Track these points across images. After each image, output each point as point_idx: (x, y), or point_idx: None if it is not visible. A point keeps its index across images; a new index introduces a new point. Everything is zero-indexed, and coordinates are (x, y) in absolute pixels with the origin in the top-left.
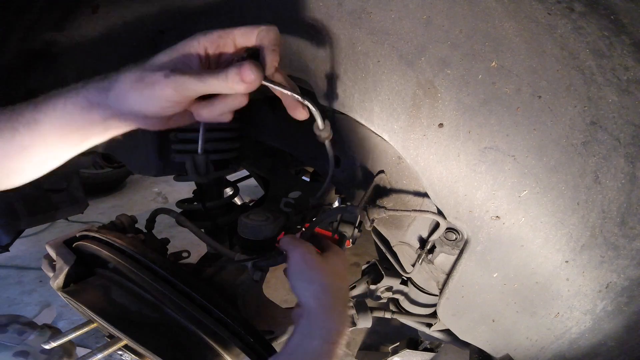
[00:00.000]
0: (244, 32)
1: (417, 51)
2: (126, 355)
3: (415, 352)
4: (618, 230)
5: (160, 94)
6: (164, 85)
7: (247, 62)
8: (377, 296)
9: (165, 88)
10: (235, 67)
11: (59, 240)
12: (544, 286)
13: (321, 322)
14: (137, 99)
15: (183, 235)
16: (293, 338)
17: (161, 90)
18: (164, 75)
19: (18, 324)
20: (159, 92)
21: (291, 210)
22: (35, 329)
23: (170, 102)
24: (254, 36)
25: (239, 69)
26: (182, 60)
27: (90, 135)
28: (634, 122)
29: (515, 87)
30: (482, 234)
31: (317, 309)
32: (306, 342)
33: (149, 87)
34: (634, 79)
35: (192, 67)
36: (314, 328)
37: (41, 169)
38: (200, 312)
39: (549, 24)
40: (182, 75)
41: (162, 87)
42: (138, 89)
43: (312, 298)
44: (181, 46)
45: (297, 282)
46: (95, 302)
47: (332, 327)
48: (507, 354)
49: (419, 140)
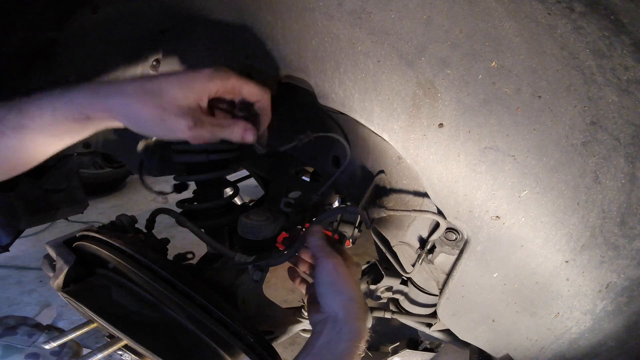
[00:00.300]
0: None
1: (417, 51)
2: (126, 355)
3: (415, 352)
4: (618, 230)
5: (178, 136)
6: (183, 134)
7: (250, 127)
8: (377, 296)
9: (184, 135)
10: (240, 128)
11: (59, 240)
12: (544, 286)
13: (348, 328)
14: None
15: (183, 235)
16: (319, 340)
17: (180, 135)
18: (187, 127)
19: (27, 326)
20: (176, 135)
21: (291, 210)
22: (43, 331)
23: None
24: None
25: (244, 131)
26: (197, 100)
27: (82, 135)
28: (634, 122)
29: (515, 87)
30: (482, 234)
31: (345, 316)
32: (333, 344)
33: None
34: (634, 79)
35: (202, 105)
36: (342, 333)
37: (29, 164)
38: (200, 312)
39: (549, 24)
40: (200, 129)
41: (182, 135)
42: (154, 122)
43: (340, 308)
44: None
45: (327, 291)
46: (95, 302)
47: (357, 331)
48: (507, 354)
49: (419, 140)
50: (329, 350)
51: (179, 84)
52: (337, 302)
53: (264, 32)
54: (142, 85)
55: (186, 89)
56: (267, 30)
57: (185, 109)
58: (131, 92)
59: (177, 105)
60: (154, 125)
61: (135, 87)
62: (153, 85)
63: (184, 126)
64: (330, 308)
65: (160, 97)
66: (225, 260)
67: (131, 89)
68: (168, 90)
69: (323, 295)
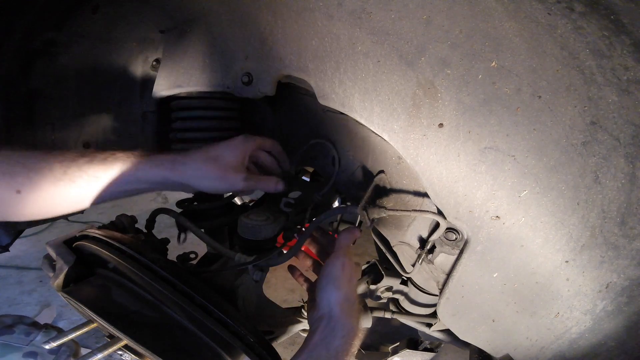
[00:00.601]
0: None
1: (417, 51)
2: (126, 355)
3: (415, 352)
4: (618, 230)
5: (234, 188)
6: (239, 186)
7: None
8: (377, 296)
9: (238, 187)
10: (273, 181)
11: (59, 240)
12: (544, 286)
13: (342, 325)
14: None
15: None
16: (314, 336)
17: (236, 187)
18: (242, 180)
19: (24, 325)
20: (234, 188)
21: (291, 210)
22: (41, 329)
23: None
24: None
25: (276, 184)
26: (243, 159)
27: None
28: (634, 122)
29: (515, 87)
30: (482, 234)
31: (339, 313)
32: (328, 340)
33: (229, 183)
34: (634, 79)
35: (245, 163)
36: (336, 329)
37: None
38: (200, 312)
39: (549, 24)
40: (250, 181)
41: (238, 186)
42: (217, 179)
43: (336, 304)
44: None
45: (328, 284)
46: (95, 302)
47: (351, 329)
48: (507, 354)
49: (419, 140)
50: (324, 347)
51: (229, 150)
52: (334, 298)
53: (264, 32)
54: (206, 154)
55: (235, 151)
56: (267, 30)
57: (237, 167)
58: (199, 159)
59: (232, 165)
60: (217, 182)
61: (202, 156)
62: (213, 152)
63: (240, 179)
64: (326, 303)
65: (220, 161)
66: (226, 260)
67: (199, 158)
68: (224, 155)
69: (323, 289)
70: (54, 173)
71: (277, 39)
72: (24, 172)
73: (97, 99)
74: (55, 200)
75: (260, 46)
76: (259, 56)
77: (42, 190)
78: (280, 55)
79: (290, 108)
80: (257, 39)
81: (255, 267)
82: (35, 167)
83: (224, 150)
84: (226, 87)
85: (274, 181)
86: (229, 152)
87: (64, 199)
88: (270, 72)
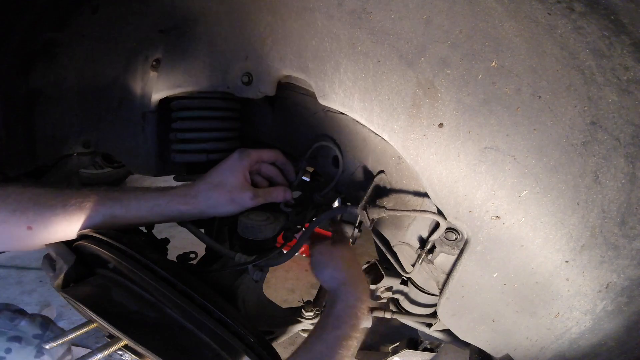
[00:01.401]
0: (268, 156)
1: (417, 51)
2: (126, 355)
3: (415, 352)
4: (618, 230)
5: (246, 208)
6: (249, 204)
7: (287, 189)
8: (377, 296)
9: (249, 205)
10: (280, 191)
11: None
12: (544, 286)
13: (340, 291)
14: (225, 208)
15: (183, 235)
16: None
17: (247, 206)
18: (250, 198)
19: (9, 311)
20: (245, 207)
21: (291, 210)
22: (26, 316)
23: None
24: (273, 158)
25: (284, 193)
26: (244, 177)
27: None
28: (634, 122)
29: (515, 87)
30: (482, 234)
31: (337, 285)
32: (329, 308)
33: (240, 205)
34: (634, 79)
35: (247, 179)
36: (336, 297)
37: None
38: (200, 312)
39: (549, 24)
40: (258, 197)
41: (248, 205)
42: (228, 203)
43: (330, 279)
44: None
45: (317, 270)
46: (95, 302)
47: (351, 293)
48: (507, 354)
49: (419, 140)
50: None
51: (229, 172)
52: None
53: (264, 32)
54: (210, 182)
55: (235, 172)
56: (267, 30)
57: (242, 187)
58: (206, 189)
59: (237, 186)
60: (229, 206)
61: (207, 186)
62: (216, 179)
63: (248, 198)
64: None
65: (224, 186)
66: (225, 260)
67: (205, 188)
68: (226, 179)
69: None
70: (67, 209)
71: (277, 39)
72: (35, 208)
73: (97, 99)
74: (67, 233)
75: (260, 46)
76: (259, 56)
77: (54, 225)
78: (280, 55)
79: (290, 108)
80: (257, 39)
81: (255, 267)
82: (47, 204)
83: (224, 174)
84: (226, 87)
85: (282, 191)
86: (229, 174)
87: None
88: (270, 72)
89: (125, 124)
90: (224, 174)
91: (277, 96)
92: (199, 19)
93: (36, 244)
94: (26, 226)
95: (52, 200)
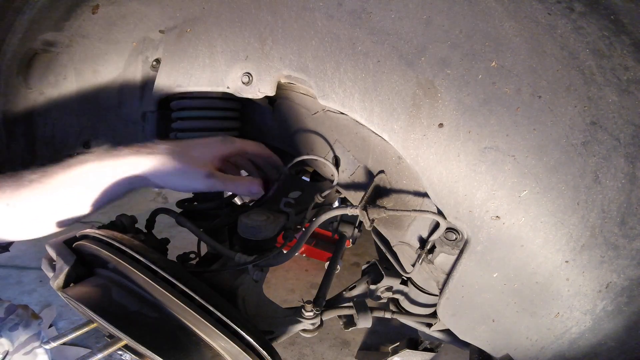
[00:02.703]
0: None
1: (417, 51)
2: (126, 355)
3: (415, 352)
4: (618, 230)
5: (195, 187)
6: (200, 182)
7: (256, 182)
8: (377, 296)
9: (200, 185)
10: (245, 184)
11: (59, 240)
12: (544, 286)
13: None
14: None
15: (183, 235)
16: None
17: (197, 184)
18: (203, 176)
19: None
20: (193, 185)
21: (291, 210)
22: None
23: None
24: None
25: (250, 185)
26: (212, 158)
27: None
28: (634, 122)
29: (515, 87)
30: (482, 234)
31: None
32: None
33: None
34: (634, 79)
35: (215, 163)
36: None
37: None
38: (200, 312)
39: (549, 24)
40: (214, 179)
41: (198, 183)
42: (179, 175)
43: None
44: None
45: None
46: (95, 302)
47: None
48: (507, 354)
49: (419, 140)
50: None
51: (198, 146)
52: None
53: (264, 32)
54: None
55: (203, 148)
56: (267, 30)
57: (201, 163)
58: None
59: (196, 160)
60: (176, 177)
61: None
62: (178, 147)
63: (201, 175)
64: None
65: (184, 155)
66: (225, 260)
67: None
68: (189, 150)
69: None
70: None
71: (277, 39)
72: (14, 186)
73: (97, 99)
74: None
75: (260, 46)
76: (259, 56)
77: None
78: (280, 55)
79: (290, 108)
80: (257, 39)
81: (255, 267)
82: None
83: (195, 147)
84: (226, 87)
85: (247, 183)
86: (201, 147)
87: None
88: (270, 72)
89: (125, 124)
90: (195, 146)
91: (277, 96)
92: (199, 19)
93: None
94: (5, 203)
95: (31, 175)
